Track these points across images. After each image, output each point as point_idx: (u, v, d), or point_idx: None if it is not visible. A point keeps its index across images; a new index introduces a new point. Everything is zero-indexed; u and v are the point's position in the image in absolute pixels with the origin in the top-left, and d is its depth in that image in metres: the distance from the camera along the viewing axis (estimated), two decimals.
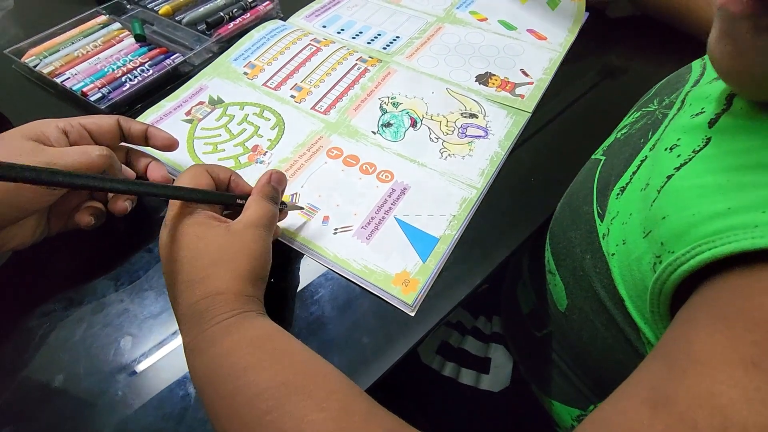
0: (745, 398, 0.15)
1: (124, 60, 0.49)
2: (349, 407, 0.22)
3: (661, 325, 0.22)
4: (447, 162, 0.41)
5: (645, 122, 0.32)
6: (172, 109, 0.45)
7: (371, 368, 0.30)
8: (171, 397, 0.28)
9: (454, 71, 0.50)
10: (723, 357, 0.17)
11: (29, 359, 0.30)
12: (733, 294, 0.18)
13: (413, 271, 0.33)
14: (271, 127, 0.43)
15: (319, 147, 0.42)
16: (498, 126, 0.44)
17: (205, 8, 0.57)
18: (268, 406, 0.22)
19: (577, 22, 0.57)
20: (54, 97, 0.47)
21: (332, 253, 0.34)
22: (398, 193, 0.38)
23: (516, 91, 0.48)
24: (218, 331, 0.25)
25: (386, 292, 0.32)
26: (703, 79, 0.30)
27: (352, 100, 0.46)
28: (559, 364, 0.38)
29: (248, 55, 0.50)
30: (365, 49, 0.53)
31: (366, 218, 0.36)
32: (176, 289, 0.27)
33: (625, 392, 0.19)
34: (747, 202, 0.19)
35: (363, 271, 0.33)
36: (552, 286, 0.35)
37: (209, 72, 0.49)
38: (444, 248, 0.35)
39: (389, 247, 0.35)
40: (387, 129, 0.44)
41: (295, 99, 0.46)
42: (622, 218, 0.26)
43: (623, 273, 0.25)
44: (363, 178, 0.39)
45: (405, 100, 0.46)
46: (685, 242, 0.20)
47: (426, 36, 0.55)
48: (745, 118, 0.23)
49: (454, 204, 0.38)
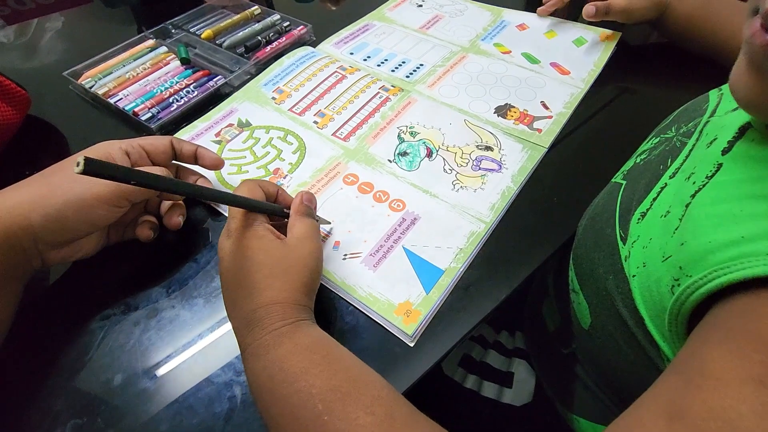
0: (754, 413, 0.17)
1: (171, 82, 0.53)
2: (394, 412, 0.24)
3: (679, 343, 0.24)
4: (459, 194, 0.42)
5: (663, 149, 0.33)
6: (203, 129, 0.48)
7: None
8: (219, 398, 0.31)
9: (474, 102, 0.51)
10: (733, 374, 0.18)
11: (91, 359, 0.33)
12: (744, 316, 0.20)
13: (416, 302, 0.34)
14: (293, 151, 0.46)
15: (336, 173, 0.44)
16: (512, 160, 0.45)
17: (243, 32, 0.61)
18: (322, 409, 0.24)
19: (603, 59, 0.57)
20: (107, 116, 0.51)
21: (340, 279, 0.36)
22: (408, 223, 0.40)
23: (534, 125, 0.48)
24: (275, 338, 0.27)
25: (388, 321, 0.34)
26: (719, 109, 0.31)
27: (372, 128, 0.48)
28: (586, 380, 0.39)
29: (277, 81, 0.53)
30: (388, 77, 0.55)
31: (375, 246, 0.38)
32: (236, 296, 0.29)
33: (644, 404, 0.21)
34: (759, 230, 0.21)
35: (368, 298, 0.35)
36: (576, 305, 0.36)
37: (240, 96, 0.52)
38: (448, 281, 0.36)
39: (395, 277, 0.36)
40: (403, 158, 0.45)
41: (317, 125, 0.48)
42: (642, 242, 0.28)
43: (643, 294, 0.26)
44: (375, 206, 0.41)
45: (423, 130, 0.48)
46: (702, 267, 0.22)
47: (449, 65, 0.56)
48: (758, 148, 0.25)
49: (462, 237, 0.39)
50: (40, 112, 0.51)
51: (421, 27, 0.63)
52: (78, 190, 0.31)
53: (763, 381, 0.17)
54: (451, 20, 0.65)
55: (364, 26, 0.63)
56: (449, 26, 0.64)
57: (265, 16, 0.65)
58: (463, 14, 0.66)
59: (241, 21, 0.64)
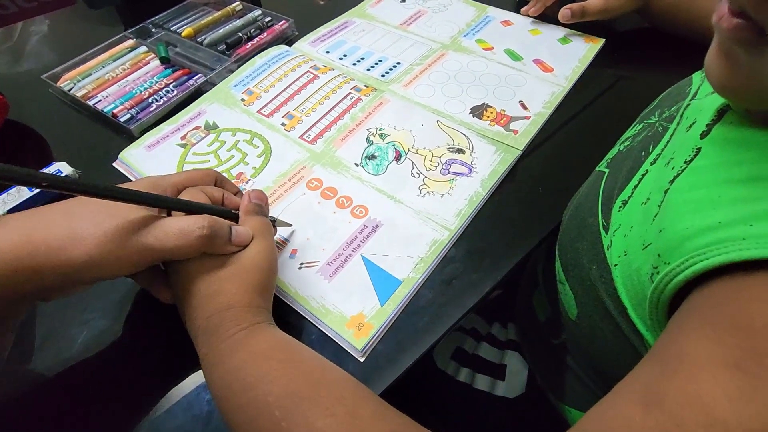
0: (728, 397, 0.17)
1: (150, 82, 0.53)
2: (356, 411, 0.24)
3: (660, 331, 0.23)
4: (424, 200, 0.40)
5: (646, 134, 0.33)
6: (169, 132, 0.47)
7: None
8: (198, 401, 0.31)
9: (449, 102, 0.49)
10: (709, 359, 0.18)
11: (71, 364, 0.32)
12: (719, 301, 0.20)
13: (369, 314, 0.33)
14: (258, 154, 0.45)
15: (300, 177, 0.42)
16: (483, 164, 0.43)
17: (224, 29, 0.60)
18: (279, 416, 0.23)
19: (588, 56, 0.54)
20: (87, 119, 0.51)
21: (294, 289, 0.35)
22: (369, 230, 0.38)
23: (510, 126, 0.46)
24: (231, 346, 0.26)
25: (339, 335, 0.32)
26: (699, 93, 0.31)
27: (341, 130, 0.46)
28: (576, 370, 0.39)
29: (248, 82, 0.52)
30: (362, 76, 0.53)
31: (333, 254, 0.37)
32: (189, 305, 0.29)
33: (621, 391, 0.21)
34: (736, 216, 0.20)
35: (320, 310, 0.34)
36: (563, 296, 0.35)
37: (209, 97, 0.51)
38: (405, 292, 0.34)
39: (350, 287, 0.35)
40: (370, 161, 0.44)
41: (285, 127, 0.47)
42: (623, 230, 0.28)
43: (625, 283, 0.26)
44: (337, 212, 0.40)
45: (393, 132, 0.46)
46: (679, 254, 0.21)
47: (427, 63, 0.54)
48: (736, 131, 0.24)
49: (423, 245, 0.37)
50: (19, 117, 0.51)
51: (401, 24, 0.61)
52: (108, 249, 0.26)
53: (738, 365, 0.17)
54: (434, 16, 0.63)
55: (343, 23, 0.62)
56: (431, 22, 0.61)
57: (246, 12, 0.64)
58: (447, 9, 0.64)
59: (222, 17, 0.63)
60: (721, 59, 0.23)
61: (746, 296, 0.19)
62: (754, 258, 0.18)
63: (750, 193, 0.21)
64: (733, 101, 0.25)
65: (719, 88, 0.24)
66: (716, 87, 0.24)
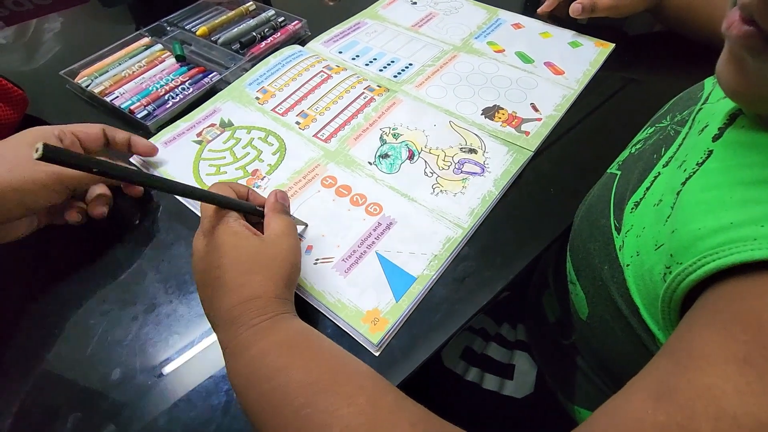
0: (737, 391, 0.17)
1: (166, 79, 0.53)
2: (377, 401, 0.24)
3: (672, 330, 0.24)
4: (438, 198, 0.41)
5: (658, 138, 0.33)
6: (185, 129, 0.48)
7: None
8: (216, 390, 0.31)
9: (461, 103, 0.50)
10: (719, 354, 0.19)
11: (90, 354, 0.33)
12: (730, 299, 0.20)
13: (384, 309, 0.34)
14: (273, 152, 0.45)
15: (314, 175, 0.43)
16: (496, 163, 0.43)
17: (238, 28, 0.61)
18: (302, 403, 0.24)
19: (599, 60, 0.55)
20: (104, 115, 0.52)
21: (310, 284, 0.35)
22: (384, 228, 0.39)
23: (522, 128, 0.47)
24: (254, 335, 0.27)
25: (354, 329, 0.33)
26: (711, 97, 0.31)
27: (354, 129, 0.47)
28: (586, 370, 0.39)
29: (262, 81, 0.53)
30: (375, 77, 0.54)
31: (348, 251, 0.37)
32: (212, 295, 0.29)
33: (634, 385, 0.21)
34: (747, 216, 0.21)
35: (336, 305, 0.34)
36: (574, 296, 0.36)
37: (224, 95, 0.51)
38: (419, 288, 0.35)
39: (365, 283, 0.35)
40: (383, 160, 0.44)
41: (299, 126, 0.48)
42: (636, 231, 0.28)
43: (637, 283, 0.27)
44: (351, 210, 0.40)
45: (406, 132, 0.47)
46: (692, 254, 0.22)
47: (439, 64, 0.55)
48: (747, 134, 0.25)
49: (437, 243, 0.38)
50: (38, 112, 0.52)
51: (413, 25, 0.62)
52: (20, 175, 0.32)
53: (747, 360, 0.18)
54: (445, 18, 0.63)
55: (356, 24, 0.62)
56: (443, 24, 0.62)
57: (259, 11, 0.64)
58: (458, 12, 0.65)
59: (236, 17, 0.64)
60: (731, 66, 0.23)
61: (756, 294, 0.19)
62: (765, 258, 0.19)
63: (761, 195, 0.21)
64: (745, 106, 0.26)
65: (730, 93, 0.25)
66: (727, 92, 0.25)
